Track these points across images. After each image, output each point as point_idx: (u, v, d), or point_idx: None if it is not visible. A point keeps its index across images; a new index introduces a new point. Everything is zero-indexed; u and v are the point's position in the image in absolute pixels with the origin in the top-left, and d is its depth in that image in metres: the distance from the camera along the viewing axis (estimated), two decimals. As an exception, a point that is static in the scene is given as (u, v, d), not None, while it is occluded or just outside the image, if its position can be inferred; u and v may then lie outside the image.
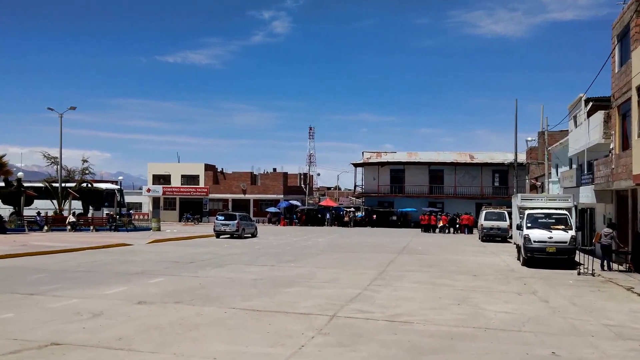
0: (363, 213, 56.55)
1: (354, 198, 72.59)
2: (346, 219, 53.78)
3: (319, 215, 56.92)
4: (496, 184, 55.20)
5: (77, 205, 41.50)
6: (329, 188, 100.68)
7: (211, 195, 61.75)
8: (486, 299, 11.51)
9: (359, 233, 41.38)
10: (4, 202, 38.54)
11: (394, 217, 54.33)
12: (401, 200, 55.88)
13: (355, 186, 60.88)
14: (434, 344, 7.59)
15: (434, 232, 43.32)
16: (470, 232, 42.51)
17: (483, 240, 32.78)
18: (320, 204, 63.82)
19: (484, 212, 34.07)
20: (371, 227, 52.06)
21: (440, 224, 43.64)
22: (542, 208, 19.92)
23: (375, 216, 53.80)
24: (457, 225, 43.50)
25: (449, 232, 43.12)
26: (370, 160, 58.00)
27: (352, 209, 57.81)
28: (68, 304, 9.96)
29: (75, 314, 9.06)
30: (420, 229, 45.04)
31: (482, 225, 33.49)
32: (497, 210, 34.36)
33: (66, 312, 9.26)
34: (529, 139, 40.74)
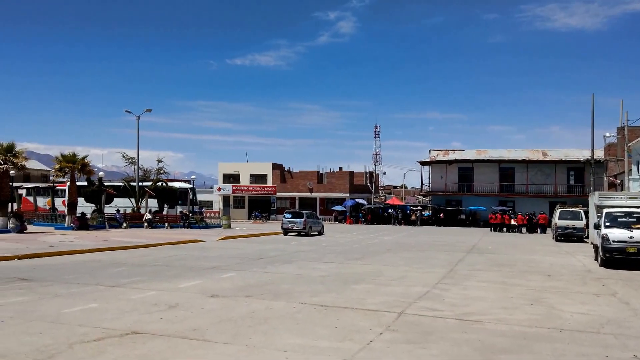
0: (430, 212, 55.78)
1: (420, 197, 71.70)
2: (413, 217, 53.22)
3: (385, 214, 56.63)
4: (571, 182, 53.06)
5: (153, 203, 43.28)
6: (395, 187, 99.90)
7: (278, 194, 62.73)
8: (561, 299, 11.12)
9: (426, 232, 40.87)
10: (87, 200, 40.63)
11: (462, 216, 53.31)
12: (470, 198, 54.73)
13: (422, 185, 60.15)
14: (507, 343, 7.44)
15: (505, 231, 42.15)
16: (544, 231, 41.07)
17: (557, 240, 31.59)
18: (387, 202, 63.53)
19: (559, 210, 32.81)
20: (438, 226, 51.29)
21: (514, 222, 42.39)
22: (622, 206, 18.99)
23: (442, 215, 52.97)
24: (534, 225, 42.07)
25: (519, 231, 41.83)
26: (437, 159, 57.13)
27: (419, 208, 57.13)
28: (146, 296, 10.46)
29: (153, 305, 9.50)
30: (489, 228, 43.95)
31: (556, 224, 32.27)
32: (573, 209, 32.99)
33: (145, 303, 9.73)
34: (607, 134, 38.92)
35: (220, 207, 63.06)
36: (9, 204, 34.09)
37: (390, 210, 57.22)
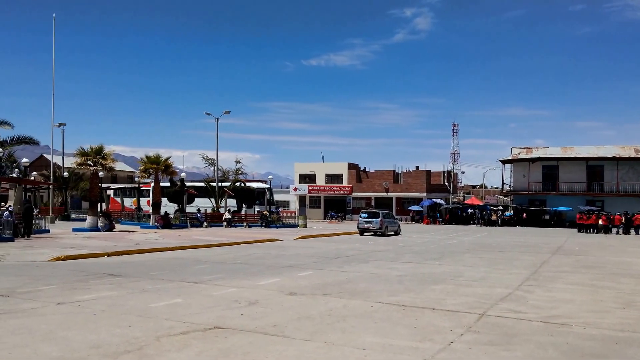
0: (512, 212, 53.93)
1: (501, 196, 69.48)
2: (493, 217, 51.64)
3: (464, 214, 55.32)
4: (666, 179, 49.63)
5: (232, 203, 44.48)
6: (474, 186, 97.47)
7: (354, 194, 62.76)
8: (657, 304, 10.41)
9: (507, 232, 39.55)
10: (170, 200, 42.33)
11: (547, 216, 51.16)
12: (554, 198, 52.44)
13: (503, 184, 58.26)
14: (596, 347, 7.05)
15: (594, 232, 40.05)
16: (637, 232, 38.69)
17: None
18: (465, 202, 62.06)
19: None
20: (520, 226, 49.52)
21: (601, 222, 40.19)
22: None
23: (525, 215, 51.09)
24: (629, 226, 39.70)
25: (609, 232, 39.60)
26: (519, 157, 55.14)
27: (500, 208, 55.38)
28: (227, 292, 10.74)
29: (234, 302, 9.74)
30: (576, 229, 41.90)
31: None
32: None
33: (226, 299, 9.99)
34: None
35: (297, 206, 63.91)
36: (99, 204, 36.13)
37: (469, 210, 55.85)
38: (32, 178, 45.04)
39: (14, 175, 38.66)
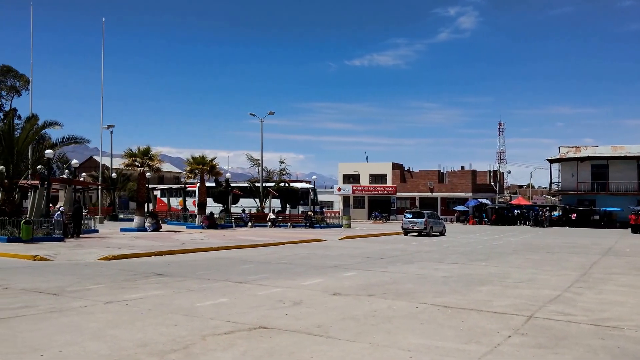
0: (560, 212, 52.47)
1: (549, 196, 67.69)
2: (543, 217, 50.36)
3: (511, 214, 54.14)
4: None
5: (276, 203, 44.81)
6: (520, 186, 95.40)
7: (398, 194, 62.29)
8: None
9: (555, 233, 38.49)
10: (215, 201, 42.92)
11: (596, 217, 49.52)
12: (604, 198, 50.73)
13: (551, 183, 56.71)
14: (653, 353, 6.75)
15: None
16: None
17: None
18: (512, 202, 60.71)
19: None
20: (569, 227, 48.14)
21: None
22: None
23: (574, 215, 49.63)
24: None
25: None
26: (567, 156, 53.60)
27: (547, 208, 53.95)
28: (272, 292, 10.80)
29: (278, 302, 9.78)
30: (630, 230, 40.40)
31: None
32: None
33: (271, 299, 10.04)
34: None
35: (341, 207, 63.86)
36: (146, 204, 36.97)
37: (516, 210, 54.64)
38: (82, 179, 46.47)
39: (64, 176, 39.95)
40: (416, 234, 32.35)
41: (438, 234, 33.17)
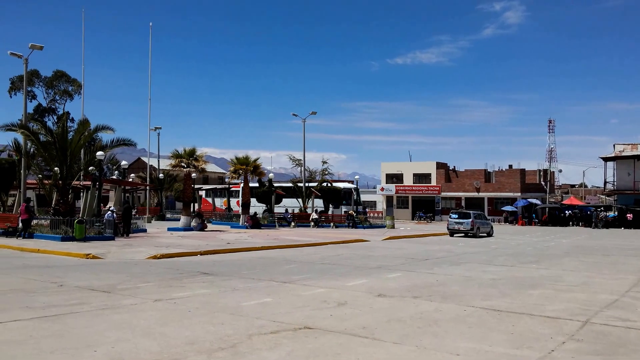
0: (615, 212, 50.54)
1: (603, 196, 65.39)
2: (596, 218, 48.69)
3: (562, 215, 52.57)
4: None
5: (318, 203, 44.84)
6: (572, 185, 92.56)
7: (443, 194, 61.40)
8: None
9: (610, 235, 37.14)
10: (258, 201, 43.31)
11: (655, 218, 47.53)
12: (663, 197, 48.62)
13: (605, 183, 54.80)
14: None
15: None
16: None
17: None
18: (564, 202, 59.00)
19: None
20: (625, 228, 46.32)
21: None
22: None
23: (630, 216, 47.71)
24: None
25: None
26: (623, 154, 51.67)
27: (602, 208, 52.11)
28: (316, 293, 10.74)
29: (322, 302, 9.72)
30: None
31: None
32: None
33: (315, 299, 9.99)
34: None
35: (384, 207, 63.42)
36: (192, 204, 37.59)
37: (567, 211, 53.03)
38: (130, 180, 47.68)
39: (114, 177, 41.08)
40: (462, 234, 31.77)
41: (485, 235, 32.49)
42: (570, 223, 51.37)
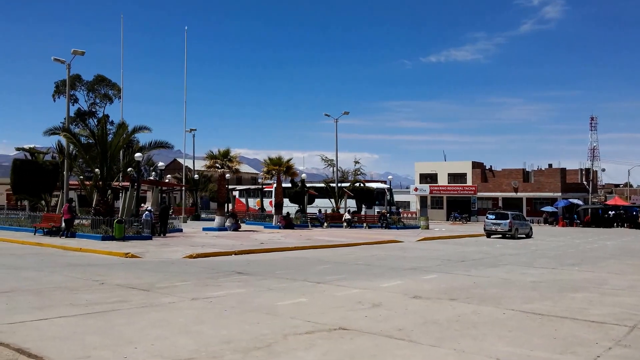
0: (662, 213, 48.94)
1: (648, 196, 63.34)
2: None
3: (606, 216, 51.10)
4: None
5: (351, 203, 44.65)
6: (617, 185, 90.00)
7: (479, 194, 60.42)
8: None
9: (655, 236, 35.94)
10: (291, 201, 43.37)
11: None
12: None
13: (650, 182, 53.07)
14: None
15: None
16: None
17: None
18: (607, 202, 57.33)
19: None
20: (673, 229, 44.81)
21: None
22: None
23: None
24: None
25: None
26: (667, 152, 49.98)
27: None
28: (350, 294, 10.65)
29: (357, 303, 9.62)
30: None
31: None
32: None
33: (349, 300, 9.90)
34: None
35: (418, 207, 62.74)
36: (226, 205, 37.87)
37: (611, 211, 51.53)
38: (167, 180, 48.42)
39: (152, 178, 41.76)
40: (500, 236, 31.18)
41: (524, 236, 31.82)
42: (615, 224, 49.93)
